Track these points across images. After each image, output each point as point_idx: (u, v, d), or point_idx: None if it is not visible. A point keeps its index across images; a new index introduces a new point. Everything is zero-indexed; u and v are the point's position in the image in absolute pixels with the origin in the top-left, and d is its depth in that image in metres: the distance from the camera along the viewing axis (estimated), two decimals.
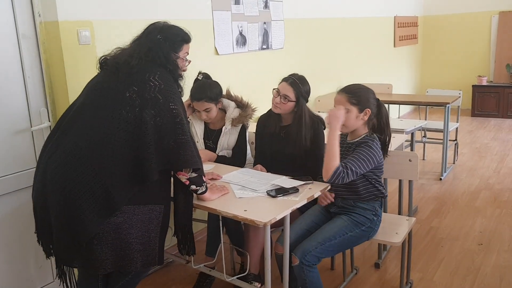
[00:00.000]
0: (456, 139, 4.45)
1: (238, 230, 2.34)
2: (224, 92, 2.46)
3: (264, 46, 3.55)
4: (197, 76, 2.41)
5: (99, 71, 1.76)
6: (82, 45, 2.19)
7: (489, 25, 6.66)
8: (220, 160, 2.40)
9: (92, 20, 2.24)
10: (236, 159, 2.43)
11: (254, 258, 2.17)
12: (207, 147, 2.48)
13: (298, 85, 2.25)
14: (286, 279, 1.88)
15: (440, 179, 4.00)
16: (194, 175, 1.69)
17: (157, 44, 1.69)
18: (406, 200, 2.45)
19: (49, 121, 2.21)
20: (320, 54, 4.35)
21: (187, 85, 1.86)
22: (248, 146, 2.56)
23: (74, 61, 2.17)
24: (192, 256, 1.90)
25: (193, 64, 1.89)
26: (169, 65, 1.70)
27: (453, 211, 3.33)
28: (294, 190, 1.86)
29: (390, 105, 4.63)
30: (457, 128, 4.41)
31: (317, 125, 2.31)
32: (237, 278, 2.04)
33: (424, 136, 4.47)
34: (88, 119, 1.61)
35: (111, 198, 1.55)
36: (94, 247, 1.57)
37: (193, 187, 1.72)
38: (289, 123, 2.33)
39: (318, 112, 2.59)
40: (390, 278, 2.50)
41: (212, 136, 2.48)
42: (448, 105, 3.90)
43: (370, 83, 4.48)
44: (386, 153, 2.10)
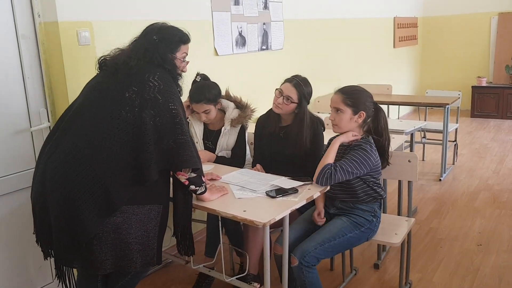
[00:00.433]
0: (456, 140, 4.45)
1: (238, 231, 2.34)
2: (224, 93, 2.47)
3: (264, 47, 3.55)
4: (195, 78, 2.41)
5: (98, 72, 1.76)
6: (82, 46, 2.20)
7: (489, 26, 6.67)
8: (219, 161, 2.40)
9: (92, 21, 2.24)
10: (235, 160, 2.43)
11: (253, 259, 2.17)
12: (206, 148, 2.48)
13: (302, 87, 2.25)
14: (286, 280, 1.88)
15: (440, 180, 4.00)
16: (194, 175, 1.69)
17: (153, 45, 1.69)
18: (406, 201, 2.45)
19: (49, 122, 2.21)
20: (320, 55, 4.35)
21: (186, 87, 1.85)
22: (247, 147, 2.56)
23: (74, 62, 2.17)
24: (192, 257, 1.90)
25: (193, 65, 1.90)
26: (167, 65, 1.70)
27: (453, 212, 3.33)
28: (293, 191, 1.86)
29: (390, 106, 4.64)
30: (457, 129, 4.41)
31: (317, 126, 2.31)
32: (236, 279, 2.04)
33: (424, 137, 4.46)
34: (88, 120, 1.61)
35: (111, 198, 1.55)
36: (94, 247, 1.57)
37: (193, 187, 1.72)
38: (289, 124, 2.33)
39: (318, 113, 2.59)
40: (390, 279, 2.50)
41: (211, 137, 2.48)
42: (448, 106, 3.90)
43: (370, 84, 4.53)
44: (386, 161, 2.07)
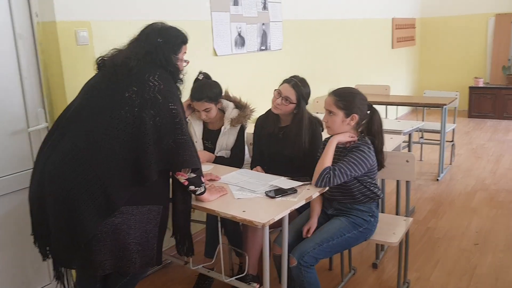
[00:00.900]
0: (453, 140, 4.47)
1: (237, 231, 2.34)
2: (223, 93, 2.47)
3: (263, 47, 3.56)
4: (198, 76, 2.41)
5: (97, 72, 1.75)
6: (80, 46, 2.19)
7: (486, 27, 6.70)
8: (219, 161, 2.40)
9: (90, 21, 2.23)
10: (235, 160, 2.43)
11: (253, 259, 2.17)
12: (206, 148, 2.48)
13: (300, 87, 2.25)
14: (285, 280, 1.88)
15: (437, 180, 4.02)
16: (193, 176, 1.69)
17: (158, 48, 1.69)
18: (404, 201, 2.46)
19: (46, 122, 2.20)
20: (319, 55, 4.36)
21: (187, 85, 1.85)
22: (246, 147, 2.56)
23: (72, 62, 2.16)
24: (191, 257, 1.90)
25: (192, 65, 1.89)
26: (170, 67, 1.71)
27: (450, 212, 3.34)
28: (293, 191, 1.87)
29: (388, 106, 4.65)
30: (454, 129, 4.42)
31: (315, 126, 2.31)
32: (236, 279, 2.04)
33: (422, 137, 4.48)
34: (87, 120, 1.61)
35: (110, 198, 1.55)
36: (93, 248, 1.56)
37: (192, 188, 1.71)
38: (288, 124, 2.33)
39: (317, 113, 2.59)
40: (388, 278, 2.51)
41: (211, 137, 2.48)
42: (445, 107, 3.91)
43: (368, 85, 4.54)
44: (381, 164, 2.05)
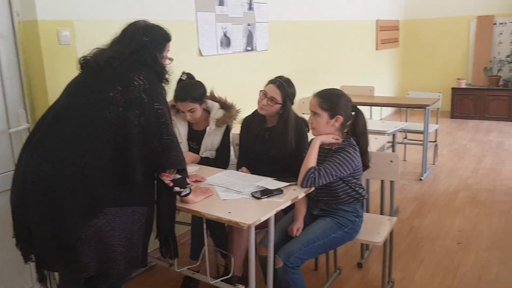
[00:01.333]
0: (436, 141, 4.55)
1: (222, 233, 2.33)
2: (208, 94, 2.45)
3: (249, 48, 3.56)
4: (181, 76, 2.40)
5: (80, 72, 1.73)
6: (63, 45, 2.15)
7: (468, 29, 6.84)
8: (204, 162, 2.39)
9: (73, 20, 2.20)
10: (220, 160, 2.42)
11: (238, 261, 2.17)
12: (191, 149, 2.46)
13: (285, 88, 2.26)
14: (270, 281, 1.89)
15: (421, 180, 4.08)
16: (178, 177, 1.68)
17: (144, 47, 1.67)
18: (388, 200, 2.49)
19: (28, 123, 2.15)
20: (304, 56, 4.38)
21: (170, 85, 1.84)
22: (232, 148, 2.56)
23: (54, 62, 2.12)
24: (175, 259, 1.88)
25: (177, 65, 1.88)
26: (157, 67, 1.69)
27: (433, 211, 3.40)
28: (279, 192, 1.87)
29: (372, 107, 4.71)
30: (437, 130, 4.50)
31: (301, 127, 2.32)
32: (221, 281, 2.03)
33: (405, 138, 4.55)
34: (71, 120, 1.58)
35: (95, 200, 1.53)
36: (77, 250, 1.54)
37: (177, 189, 1.70)
38: (274, 125, 2.34)
39: (303, 114, 2.60)
40: (373, 278, 2.53)
41: (196, 137, 2.46)
42: (428, 107, 3.98)
43: (353, 86, 4.59)
44: (366, 165, 2.06)
